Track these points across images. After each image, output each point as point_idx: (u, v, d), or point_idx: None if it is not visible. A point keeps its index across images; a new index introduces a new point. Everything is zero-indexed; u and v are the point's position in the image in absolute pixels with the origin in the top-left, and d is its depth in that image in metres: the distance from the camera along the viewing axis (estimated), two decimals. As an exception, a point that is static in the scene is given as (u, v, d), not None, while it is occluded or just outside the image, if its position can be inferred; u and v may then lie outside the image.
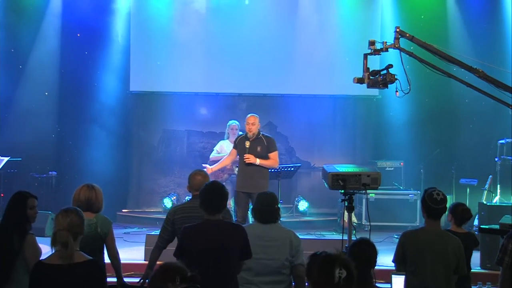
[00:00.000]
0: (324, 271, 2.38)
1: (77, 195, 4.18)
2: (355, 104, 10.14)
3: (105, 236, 4.17)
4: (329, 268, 2.36)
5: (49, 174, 9.10)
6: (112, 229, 4.26)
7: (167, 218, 4.33)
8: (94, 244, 4.05)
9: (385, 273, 4.53)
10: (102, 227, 4.14)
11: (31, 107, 9.47)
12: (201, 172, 4.43)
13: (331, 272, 2.35)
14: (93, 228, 4.08)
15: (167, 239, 4.32)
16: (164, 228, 4.33)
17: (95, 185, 4.28)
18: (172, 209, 4.37)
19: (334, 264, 2.36)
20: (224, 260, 3.57)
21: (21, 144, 9.08)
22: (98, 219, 4.16)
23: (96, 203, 4.18)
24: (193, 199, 4.37)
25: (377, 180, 4.45)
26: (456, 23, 9.71)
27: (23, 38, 9.45)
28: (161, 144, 10.27)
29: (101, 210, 4.25)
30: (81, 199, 4.15)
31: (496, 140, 8.60)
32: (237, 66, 9.82)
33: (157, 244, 4.35)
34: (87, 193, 4.17)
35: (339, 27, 9.85)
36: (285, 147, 10.06)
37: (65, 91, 9.69)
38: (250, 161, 6.53)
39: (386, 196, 8.96)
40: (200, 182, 4.30)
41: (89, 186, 4.24)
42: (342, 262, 2.38)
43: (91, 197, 4.16)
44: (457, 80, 4.75)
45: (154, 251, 4.38)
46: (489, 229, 5.09)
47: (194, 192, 4.34)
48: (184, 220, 4.19)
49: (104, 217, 4.24)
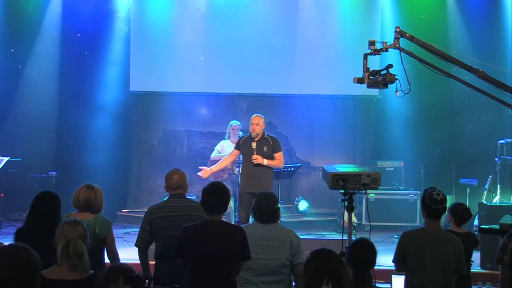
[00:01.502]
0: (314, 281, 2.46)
1: (77, 195, 4.18)
2: (355, 104, 10.14)
3: (104, 237, 4.15)
4: (318, 280, 2.44)
5: (49, 174, 9.08)
6: (112, 230, 4.24)
7: (144, 218, 4.29)
8: (92, 244, 3.99)
9: (385, 273, 4.54)
10: (100, 228, 4.12)
11: (31, 107, 9.47)
12: (178, 171, 4.37)
13: (320, 284, 2.43)
14: (91, 228, 4.05)
15: (147, 239, 4.27)
16: (143, 228, 4.28)
17: (95, 185, 4.26)
18: (149, 209, 4.32)
19: (322, 278, 2.43)
20: (223, 261, 3.57)
21: (21, 144, 9.08)
22: (97, 220, 4.15)
23: (95, 204, 4.17)
24: (170, 199, 4.35)
25: (377, 180, 4.46)
26: (456, 23, 9.71)
27: (23, 38, 9.45)
28: (161, 144, 10.27)
29: (101, 211, 4.24)
30: (80, 199, 4.15)
31: (496, 140, 8.60)
32: (237, 66, 9.81)
33: (140, 246, 4.30)
34: (86, 193, 4.16)
35: (339, 27, 9.84)
36: (285, 147, 10.04)
37: (65, 91, 9.68)
38: (258, 161, 6.54)
39: (386, 196, 8.96)
40: (177, 181, 4.30)
41: (88, 186, 4.22)
42: (331, 275, 2.44)
43: (90, 197, 4.15)
44: (457, 80, 4.76)
45: (140, 254, 4.34)
46: (489, 229, 5.08)
47: (171, 191, 4.33)
48: (161, 220, 4.19)
49: (104, 218, 4.22)
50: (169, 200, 4.35)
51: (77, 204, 4.17)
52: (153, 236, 4.25)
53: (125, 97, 10.02)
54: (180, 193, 4.32)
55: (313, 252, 2.59)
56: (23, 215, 8.17)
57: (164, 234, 4.16)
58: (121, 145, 9.91)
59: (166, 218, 4.18)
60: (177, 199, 4.29)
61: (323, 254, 2.56)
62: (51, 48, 9.62)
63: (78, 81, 9.66)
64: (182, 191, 4.34)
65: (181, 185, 4.32)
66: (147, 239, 4.28)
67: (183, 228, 3.68)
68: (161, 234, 4.19)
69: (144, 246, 4.30)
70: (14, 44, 9.45)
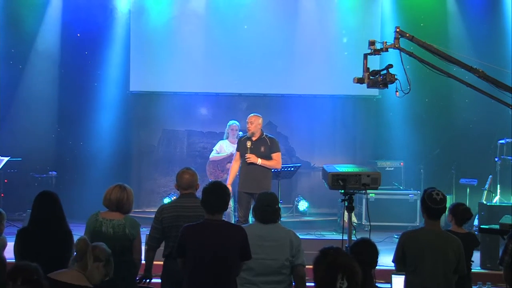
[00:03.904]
0: (327, 278, 2.38)
1: (109, 194, 4.18)
2: (355, 104, 10.13)
3: (134, 238, 4.15)
4: (332, 275, 2.36)
5: (49, 174, 9.08)
6: (140, 232, 4.24)
7: (155, 217, 4.30)
8: (122, 244, 4.07)
9: (385, 273, 4.54)
10: (130, 229, 4.13)
11: (31, 107, 9.47)
12: (189, 171, 4.37)
13: (333, 280, 2.35)
14: (121, 228, 4.10)
15: (158, 238, 4.28)
16: (154, 227, 4.28)
17: (127, 186, 4.26)
18: (159, 208, 4.33)
19: (337, 273, 2.36)
20: (223, 261, 3.57)
21: (21, 144, 9.08)
22: (127, 220, 4.16)
23: (126, 205, 4.18)
24: (180, 198, 4.34)
25: (377, 180, 4.45)
26: (456, 23, 9.70)
27: (23, 38, 9.45)
28: (161, 144, 10.27)
29: (131, 212, 4.25)
30: (112, 199, 4.16)
31: (496, 140, 8.59)
32: (237, 66, 9.81)
33: (150, 245, 4.31)
34: (118, 193, 4.16)
35: (339, 27, 9.84)
36: (285, 147, 10.04)
37: (65, 91, 9.68)
38: (251, 160, 6.52)
39: (386, 196, 8.96)
40: (188, 181, 4.30)
41: (121, 186, 4.22)
42: (346, 270, 2.37)
43: (122, 198, 4.16)
44: (457, 80, 4.76)
45: (148, 253, 4.34)
46: (489, 229, 5.08)
47: (182, 190, 4.33)
48: (172, 219, 4.19)
49: (133, 219, 4.23)
50: (180, 200, 4.35)
51: (108, 203, 4.17)
52: (164, 235, 4.24)
53: (125, 97, 10.02)
54: (191, 193, 4.32)
55: (321, 250, 2.52)
56: (23, 215, 8.17)
57: (174, 234, 4.14)
58: (121, 145, 9.90)
59: (176, 218, 4.18)
60: (188, 199, 4.29)
61: (333, 249, 2.50)
62: (51, 48, 9.63)
63: (78, 81, 9.66)
64: (193, 191, 4.33)
65: (192, 184, 4.32)
66: (159, 238, 4.28)
67: (184, 228, 3.68)
68: (171, 234, 4.18)
69: (155, 245, 4.31)
70: (14, 44, 9.45)
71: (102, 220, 4.11)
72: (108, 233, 4.06)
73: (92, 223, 4.13)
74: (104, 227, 4.08)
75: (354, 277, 2.37)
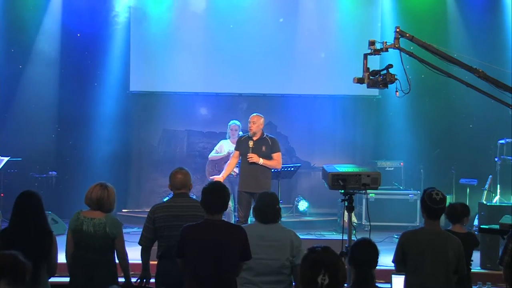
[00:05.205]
0: (309, 273, 2.47)
1: (90, 193, 4.18)
2: (355, 104, 10.13)
3: (114, 237, 4.15)
4: (314, 271, 2.45)
5: (49, 174, 9.07)
6: (122, 231, 4.24)
7: (148, 217, 4.28)
8: (102, 242, 4.09)
9: (385, 273, 4.54)
10: (111, 228, 4.13)
11: (31, 107, 9.47)
12: (182, 170, 4.37)
13: (315, 276, 2.43)
14: (102, 227, 4.10)
15: (151, 238, 4.27)
16: (147, 227, 4.27)
17: (109, 185, 4.26)
18: (152, 208, 4.32)
19: (319, 269, 2.44)
20: (223, 261, 3.57)
21: (21, 144, 9.08)
22: (108, 219, 4.16)
23: (107, 203, 4.18)
24: (174, 198, 4.34)
25: (377, 180, 4.46)
26: (456, 23, 9.70)
27: (23, 38, 9.45)
28: (161, 144, 10.27)
29: (113, 210, 4.25)
30: (92, 197, 4.16)
31: (496, 140, 8.59)
32: (237, 66, 9.81)
33: (144, 246, 4.30)
34: (99, 192, 4.16)
35: (339, 27, 9.84)
36: (285, 147, 10.04)
37: (65, 91, 9.67)
38: (253, 160, 6.53)
39: (386, 196, 8.97)
40: (181, 181, 4.30)
41: (102, 185, 4.22)
42: (329, 267, 2.44)
43: (103, 197, 4.16)
44: (457, 80, 4.76)
45: (143, 253, 4.34)
46: (489, 229, 5.09)
47: (175, 190, 4.33)
48: (164, 219, 4.18)
49: (115, 218, 4.23)
50: (173, 200, 4.34)
51: (89, 202, 4.18)
52: (156, 235, 4.24)
53: (125, 97, 10.02)
54: (184, 193, 4.32)
55: (310, 248, 2.62)
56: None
57: (166, 234, 4.15)
58: (121, 145, 9.90)
59: (169, 218, 4.18)
60: (180, 199, 4.29)
61: (319, 248, 2.59)
62: (51, 48, 9.62)
63: (78, 81, 9.66)
64: (186, 191, 4.33)
65: (185, 184, 4.32)
66: (151, 238, 4.28)
67: (184, 228, 3.67)
68: (164, 234, 4.18)
69: (147, 245, 4.30)
70: (14, 44, 9.45)
71: (83, 219, 4.13)
72: (88, 231, 4.08)
73: (74, 222, 4.16)
74: (85, 226, 4.10)
75: (336, 275, 2.43)
